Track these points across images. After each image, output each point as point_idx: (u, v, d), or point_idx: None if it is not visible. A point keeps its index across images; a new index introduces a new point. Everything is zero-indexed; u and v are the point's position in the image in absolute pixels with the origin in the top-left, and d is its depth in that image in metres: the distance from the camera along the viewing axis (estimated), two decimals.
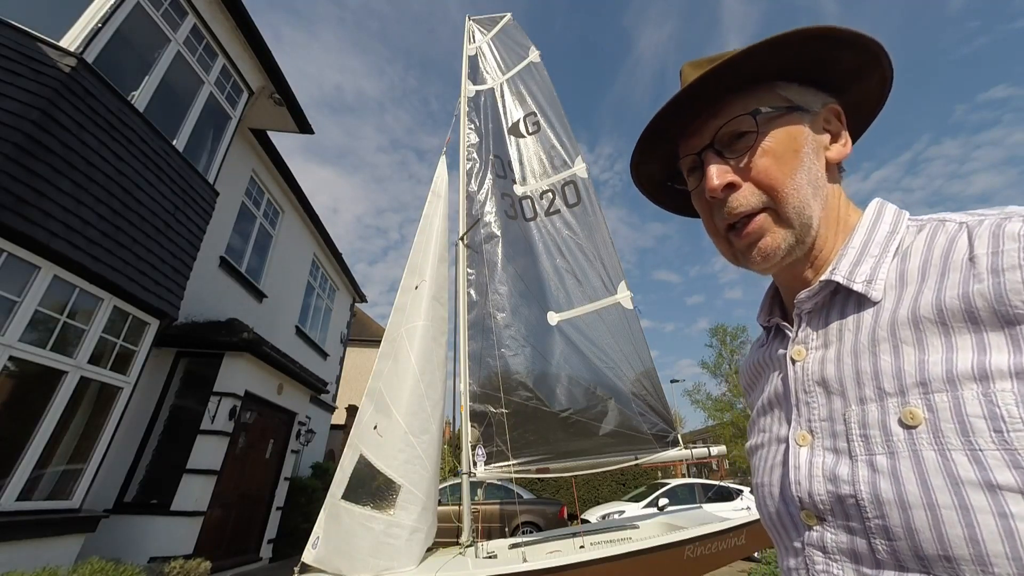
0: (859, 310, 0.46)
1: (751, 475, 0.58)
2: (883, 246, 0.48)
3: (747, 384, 0.67)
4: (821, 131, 0.53)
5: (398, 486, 3.57)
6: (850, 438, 0.42)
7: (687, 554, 3.59)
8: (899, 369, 0.40)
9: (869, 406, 0.41)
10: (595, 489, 13.84)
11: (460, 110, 6.20)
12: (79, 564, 3.59)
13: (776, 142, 0.51)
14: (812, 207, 0.50)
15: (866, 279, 0.47)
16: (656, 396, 4.56)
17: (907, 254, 0.46)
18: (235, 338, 5.92)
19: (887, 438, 0.39)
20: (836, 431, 0.44)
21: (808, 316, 0.51)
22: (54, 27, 4.00)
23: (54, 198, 3.75)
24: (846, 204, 0.54)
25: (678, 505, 7.73)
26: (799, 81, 0.53)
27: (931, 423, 0.37)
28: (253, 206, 7.93)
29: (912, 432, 0.38)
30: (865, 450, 0.41)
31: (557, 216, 5.45)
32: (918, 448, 0.37)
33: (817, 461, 0.45)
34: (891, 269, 0.46)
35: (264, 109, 6.98)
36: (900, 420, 0.39)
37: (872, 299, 0.46)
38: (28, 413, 3.79)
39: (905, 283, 0.44)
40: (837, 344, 0.47)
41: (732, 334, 22.89)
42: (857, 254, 0.48)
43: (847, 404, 0.43)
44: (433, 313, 4.26)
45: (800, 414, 0.48)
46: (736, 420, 21.16)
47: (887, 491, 0.38)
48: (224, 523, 6.07)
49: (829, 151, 0.53)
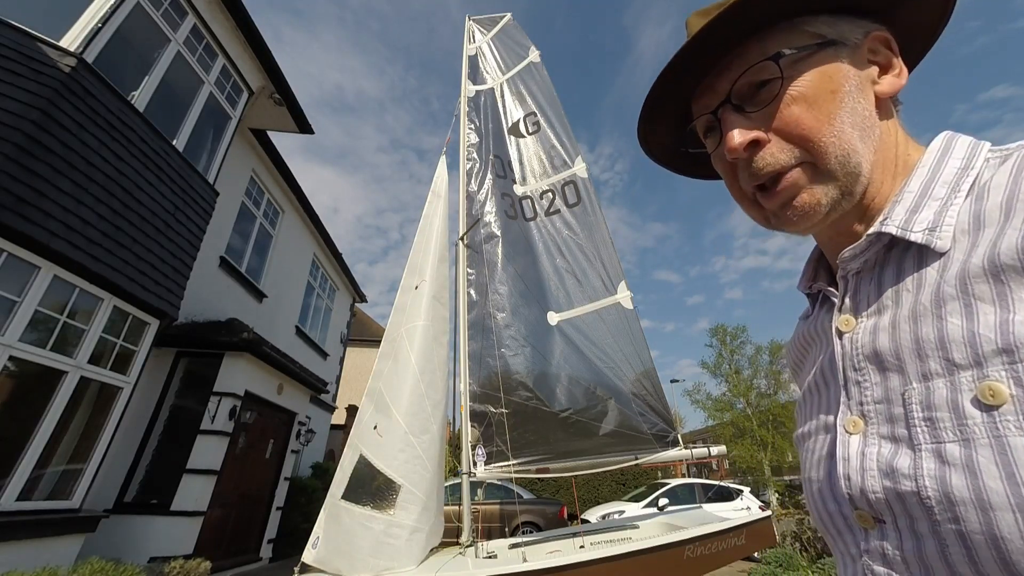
0: (921, 265, 0.39)
1: (800, 469, 0.50)
2: (951, 186, 0.39)
3: (795, 364, 0.58)
4: (866, 64, 0.45)
5: (398, 486, 3.57)
6: (911, 423, 0.35)
7: (687, 554, 3.59)
8: (973, 334, 0.32)
9: (935, 382, 0.34)
10: (595, 489, 13.85)
11: (460, 110, 6.20)
12: (79, 564, 3.59)
13: (808, 85, 0.43)
14: (860, 152, 0.42)
15: (928, 226, 0.38)
16: (656, 396, 4.56)
17: (984, 191, 0.37)
18: (235, 338, 5.92)
19: (960, 422, 0.32)
20: (894, 415, 0.37)
21: (857, 278, 0.44)
22: (54, 27, 4.00)
23: (54, 198, 3.75)
24: (905, 141, 0.46)
25: (678, 505, 7.73)
26: (829, 11, 0.45)
27: (1020, 400, 0.29)
28: (253, 206, 7.93)
29: (994, 414, 0.30)
30: (931, 437, 0.33)
31: (557, 216, 5.45)
32: (1003, 433, 0.29)
33: (871, 451, 0.38)
34: (963, 211, 0.38)
35: (264, 109, 6.98)
36: (977, 398, 0.31)
37: (937, 249, 0.37)
38: (28, 413, 3.79)
39: (982, 225, 0.36)
40: (894, 309, 0.39)
41: (732, 334, 22.88)
42: (916, 198, 0.40)
43: (907, 381, 0.36)
44: (434, 313, 4.26)
45: (850, 396, 0.41)
46: (736, 420, 21.16)
47: (960, 488, 0.31)
48: (224, 523, 6.07)
49: (879, 84, 0.45)
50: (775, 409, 20.03)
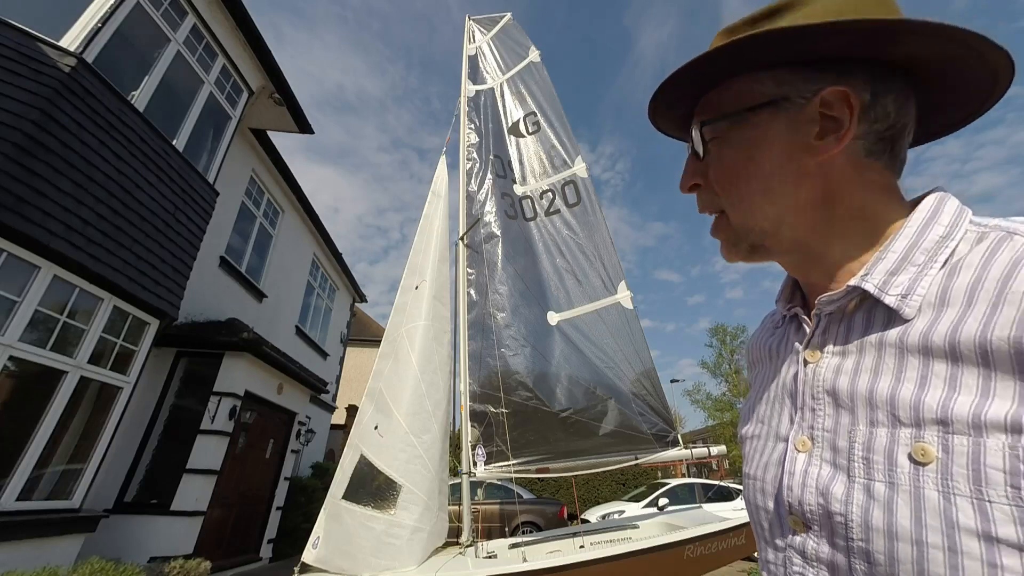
0: (886, 326, 0.42)
1: (741, 463, 0.55)
2: (931, 254, 0.41)
3: (753, 360, 0.63)
4: (811, 123, 0.45)
5: (399, 486, 3.57)
6: (851, 457, 0.40)
7: (687, 554, 3.59)
8: (919, 401, 0.37)
9: (878, 430, 0.39)
10: (595, 489, 13.85)
11: (460, 110, 6.20)
12: (79, 564, 3.59)
13: (729, 149, 0.49)
14: (761, 215, 0.47)
15: (902, 292, 0.41)
16: (656, 396, 4.57)
17: (956, 268, 0.40)
18: (235, 338, 5.92)
19: (890, 467, 0.37)
20: (838, 446, 0.42)
21: (828, 318, 0.47)
22: (54, 27, 4.00)
23: (54, 198, 3.75)
24: (874, 199, 0.46)
25: (678, 505, 7.74)
26: (788, 63, 0.46)
27: (943, 463, 0.35)
28: (253, 206, 7.93)
29: (920, 469, 0.36)
30: (864, 474, 0.39)
31: (557, 216, 5.45)
32: (921, 485, 0.35)
33: (813, 471, 0.43)
34: (934, 283, 0.40)
35: (264, 109, 6.98)
36: (910, 454, 0.36)
37: (904, 316, 0.40)
38: (28, 413, 3.79)
39: (946, 303, 0.39)
40: (857, 356, 0.43)
41: (732, 334, 22.92)
42: (898, 260, 0.42)
43: (855, 422, 0.41)
44: (434, 313, 4.26)
45: (804, 418, 0.46)
46: (736, 420, 21.16)
47: (878, 519, 0.37)
48: (224, 523, 6.07)
49: (823, 142, 0.45)
50: None
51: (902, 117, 0.45)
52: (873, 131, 0.44)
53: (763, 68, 0.46)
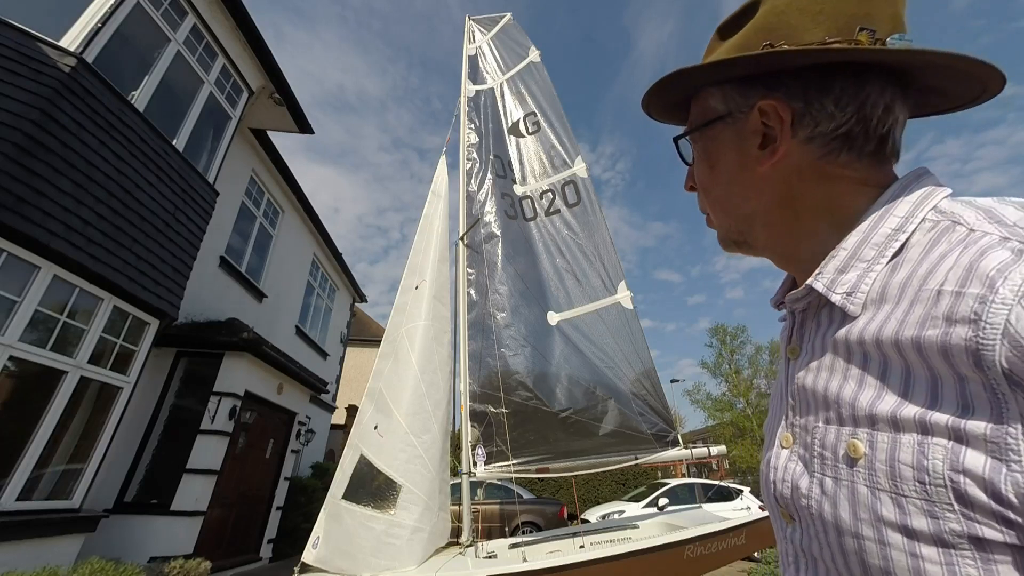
0: (837, 323, 0.43)
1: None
2: (880, 248, 0.42)
3: None
4: (754, 134, 0.48)
5: (399, 486, 3.57)
6: (812, 453, 0.42)
7: (687, 554, 3.59)
8: (855, 398, 0.39)
9: (829, 428, 0.41)
10: (595, 489, 13.85)
11: (460, 110, 6.20)
12: (79, 564, 3.59)
13: (698, 159, 0.54)
14: (731, 218, 0.53)
15: (847, 289, 0.42)
16: (656, 396, 4.57)
17: (900, 263, 0.40)
18: (235, 338, 5.92)
19: (835, 463, 0.40)
20: (806, 442, 0.44)
21: (802, 315, 0.49)
22: (54, 27, 4.00)
23: (54, 198, 3.75)
24: (843, 193, 0.46)
25: (678, 505, 7.74)
26: (733, 80, 0.49)
27: (869, 460, 0.37)
28: (253, 206, 7.93)
29: (853, 463, 0.38)
30: (820, 469, 0.41)
31: (557, 216, 5.45)
32: (855, 480, 0.37)
33: (791, 467, 0.45)
34: (878, 279, 0.41)
35: (264, 109, 6.98)
36: (846, 450, 0.38)
37: (849, 314, 0.42)
38: (28, 413, 3.79)
39: (884, 300, 0.39)
40: (818, 354, 0.45)
41: (732, 334, 22.92)
42: (847, 258, 0.43)
43: (816, 419, 0.43)
44: (434, 313, 4.26)
45: (787, 415, 0.48)
46: (736, 420, 21.17)
47: (829, 513, 0.39)
48: (224, 523, 6.07)
49: (762, 155, 0.48)
50: None
51: (859, 112, 0.44)
52: (820, 133, 0.45)
53: (713, 84, 0.51)
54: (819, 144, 0.46)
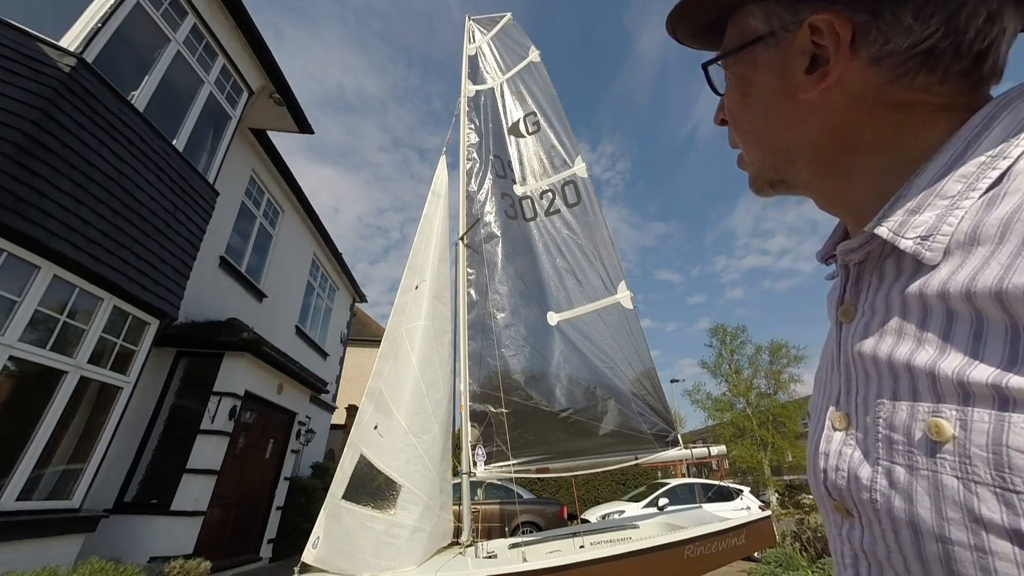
0: (908, 275, 0.35)
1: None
2: (969, 180, 0.32)
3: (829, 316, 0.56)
4: (800, 54, 0.40)
5: (399, 486, 3.57)
6: (876, 436, 0.34)
7: (687, 554, 3.59)
8: (935, 367, 0.31)
9: (899, 404, 0.33)
10: (595, 489, 13.86)
11: (460, 110, 6.20)
12: (79, 564, 3.59)
13: (731, 88, 0.48)
14: (767, 152, 0.45)
15: (923, 233, 0.33)
16: (656, 396, 4.57)
17: (1000, 195, 0.31)
18: (235, 338, 5.92)
19: (909, 448, 0.32)
20: (867, 423, 0.36)
21: (859, 268, 0.41)
22: (54, 27, 4.00)
23: (54, 198, 3.75)
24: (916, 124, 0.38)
25: (678, 505, 7.74)
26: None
27: (960, 444, 0.29)
28: (253, 206, 7.94)
29: (936, 449, 0.30)
30: (886, 455, 0.33)
31: (557, 216, 5.45)
32: (938, 470, 0.30)
33: (846, 452, 0.37)
34: (967, 217, 0.32)
35: (264, 109, 6.98)
36: (925, 432, 0.31)
37: (925, 263, 0.33)
38: (28, 413, 3.79)
39: (976, 242, 0.31)
40: (882, 314, 0.37)
41: (732, 334, 22.90)
42: (923, 194, 0.34)
43: (881, 393, 0.35)
44: (434, 313, 4.26)
45: (842, 390, 0.40)
46: (736, 420, 21.17)
47: (901, 510, 0.32)
48: (224, 523, 6.07)
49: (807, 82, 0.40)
50: (775, 409, 20.05)
51: (949, 23, 0.35)
52: (890, 52, 0.36)
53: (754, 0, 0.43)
54: (889, 65, 0.37)
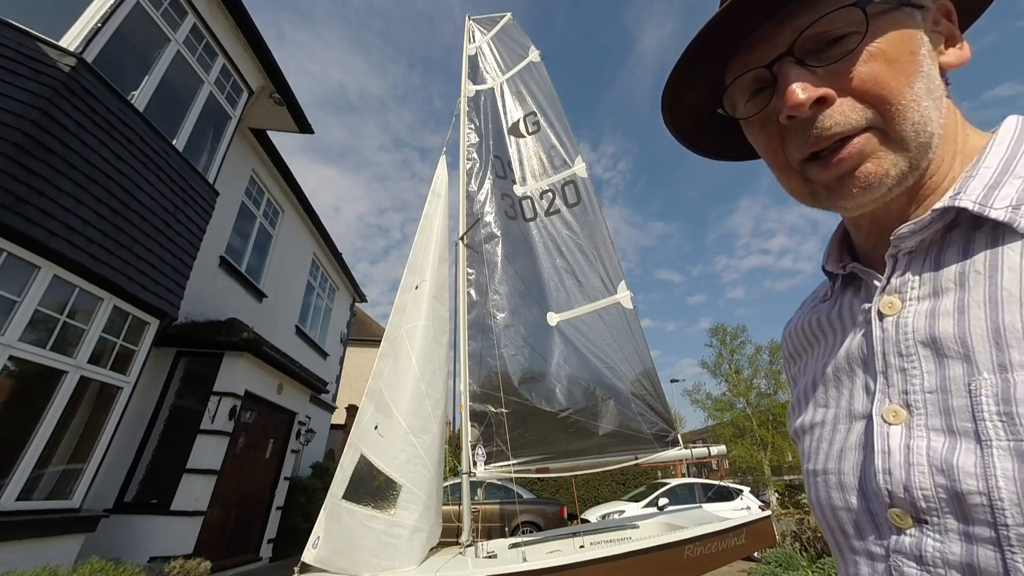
0: (997, 245, 0.35)
1: (801, 462, 0.47)
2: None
3: (794, 350, 0.55)
4: (932, 32, 0.41)
5: (399, 486, 3.57)
6: (978, 417, 0.32)
7: (687, 554, 3.59)
8: None
9: (1017, 374, 0.31)
10: (595, 489, 13.86)
11: (460, 110, 6.20)
12: (79, 564, 3.58)
13: (889, 42, 0.39)
14: (934, 121, 0.38)
15: (1012, 203, 0.35)
16: (656, 396, 4.57)
17: None
18: (235, 338, 5.92)
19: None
20: (951, 407, 0.34)
21: (909, 257, 0.40)
22: (54, 27, 3.99)
23: (54, 198, 3.75)
24: (963, 121, 0.43)
25: (678, 505, 7.74)
26: None
27: None
28: (253, 206, 7.93)
29: None
30: (1008, 434, 0.30)
31: (557, 216, 5.45)
32: None
33: (919, 445, 0.35)
34: None
35: (264, 109, 6.97)
36: None
37: (1020, 230, 0.34)
38: (28, 413, 3.79)
39: None
40: (958, 292, 0.36)
41: (732, 334, 22.90)
42: (996, 174, 0.36)
43: (974, 371, 0.33)
44: (434, 313, 4.26)
45: (890, 383, 0.38)
46: (736, 420, 21.16)
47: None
48: (224, 523, 6.07)
49: (945, 55, 0.42)
50: (775, 409, 20.04)
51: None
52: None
53: None
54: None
